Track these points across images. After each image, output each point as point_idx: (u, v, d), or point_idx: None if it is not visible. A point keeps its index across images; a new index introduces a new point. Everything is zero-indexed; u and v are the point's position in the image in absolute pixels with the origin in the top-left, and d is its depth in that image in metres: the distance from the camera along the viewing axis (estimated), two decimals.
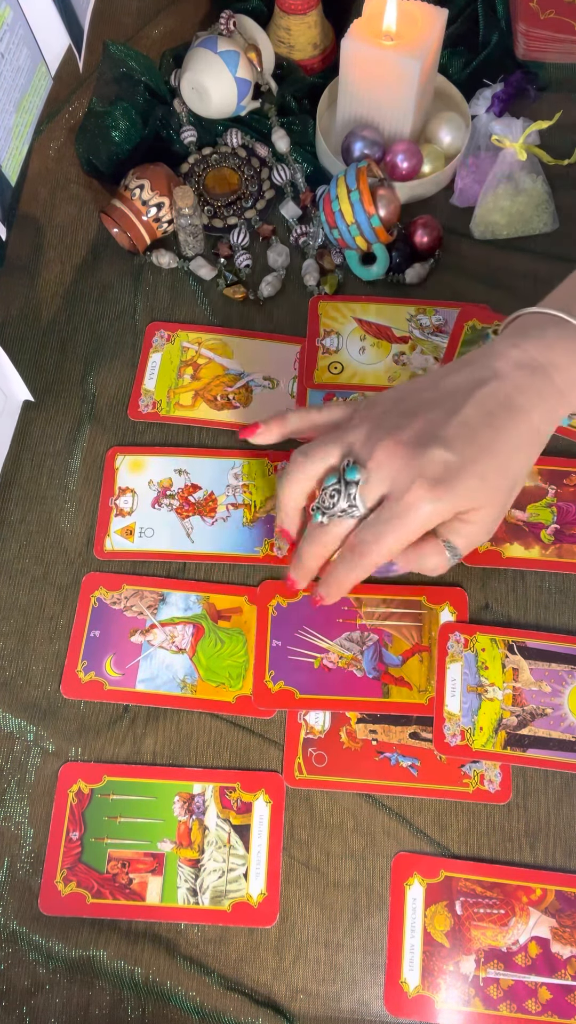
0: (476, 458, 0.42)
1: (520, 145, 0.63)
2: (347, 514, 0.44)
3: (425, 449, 0.42)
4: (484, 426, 0.42)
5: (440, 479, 0.41)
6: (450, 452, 0.42)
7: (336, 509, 0.44)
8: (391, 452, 0.42)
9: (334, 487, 0.44)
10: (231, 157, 0.69)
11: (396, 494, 0.42)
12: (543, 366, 0.44)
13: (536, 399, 0.44)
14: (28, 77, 0.53)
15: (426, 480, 0.41)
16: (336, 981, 0.46)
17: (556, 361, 0.44)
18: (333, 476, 0.44)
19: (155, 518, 0.57)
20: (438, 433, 0.42)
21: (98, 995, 0.46)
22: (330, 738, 0.50)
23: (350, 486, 0.43)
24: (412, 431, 0.42)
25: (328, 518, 0.44)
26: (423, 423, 0.42)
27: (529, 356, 0.44)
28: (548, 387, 0.44)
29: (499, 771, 0.49)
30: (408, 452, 0.42)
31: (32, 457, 0.59)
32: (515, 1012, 0.45)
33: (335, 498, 0.44)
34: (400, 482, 0.42)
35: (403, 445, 0.42)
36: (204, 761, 0.50)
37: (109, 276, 0.66)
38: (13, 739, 0.51)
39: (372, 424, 0.44)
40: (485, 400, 0.43)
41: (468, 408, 0.43)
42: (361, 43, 0.62)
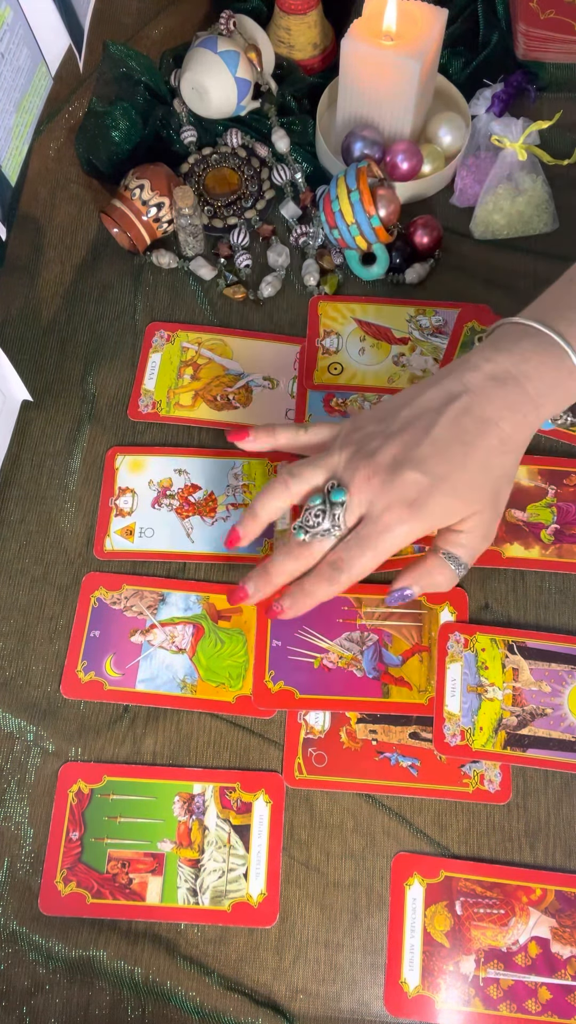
0: (447, 476, 0.45)
1: (520, 145, 0.63)
2: (329, 533, 0.46)
3: (399, 472, 0.45)
4: (455, 442, 0.45)
5: (414, 500, 0.44)
6: (422, 473, 0.44)
7: (320, 528, 0.46)
8: (369, 476, 0.45)
9: (319, 507, 0.46)
10: (231, 157, 0.69)
11: (373, 515, 0.45)
12: (515, 377, 0.46)
13: (506, 410, 0.46)
14: (28, 77, 0.53)
15: (401, 502, 0.45)
16: (336, 981, 0.46)
17: (529, 372, 0.46)
18: (318, 497, 0.47)
19: (155, 518, 0.57)
20: (411, 455, 0.45)
21: (98, 995, 0.46)
22: (330, 738, 0.50)
23: (335, 507, 0.46)
24: (389, 454, 0.45)
25: (311, 537, 0.47)
26: (398, 446, 0.45)
27: (502, 368, 0.46)
28: (519, 397, 0.46)
29: (499, 771, 0.49)
30: (384, 476, 0.45)
31: (32, 457, 0.59)
32: (515, 1012, 0.45)
33: (320, 518, 0.46)
34: (377, 504, 0.45)
35: (380, 469, 0.45)
36: (204, 761, 0.50)
37: (109, 276, 0.66)
38: (13, 739, 0.51)
39: (354, 448, 0.47)
40: (457, 415, 0.45)
41: (440, 426, 0.45)
42: (361, 43, 0.62)
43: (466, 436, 0.45)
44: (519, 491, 0.56)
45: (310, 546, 0.47)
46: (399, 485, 0.45)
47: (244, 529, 0.50)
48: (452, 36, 0.73)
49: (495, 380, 0.46)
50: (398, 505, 0.45)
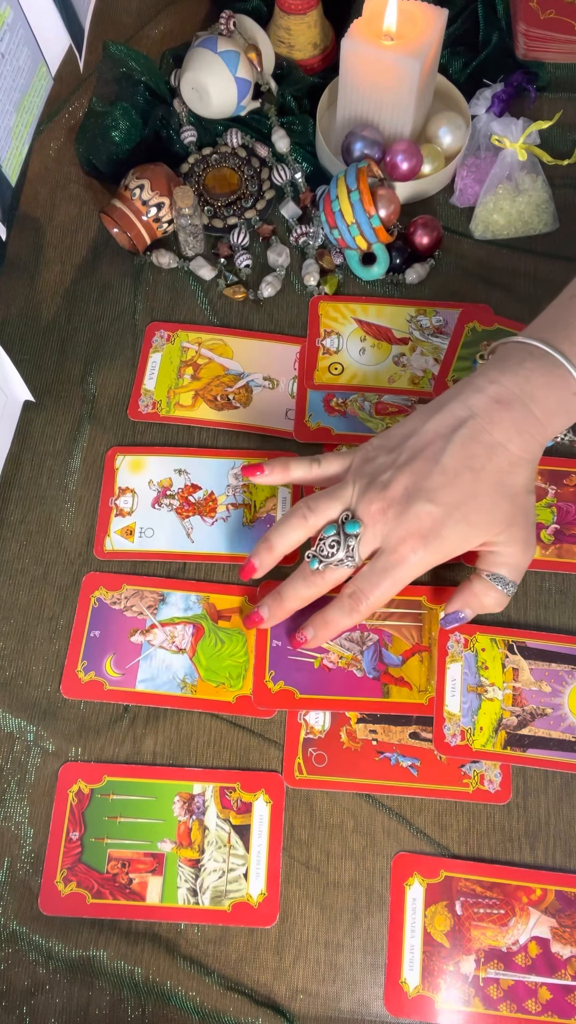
0: (459, 504, 0.45)
1: (520, 145, 0.63)
2: (343, 563, 0.47)
3: (412, 504, 0.46)
4: (464, 470, 0.46)
5: (428, 531, 0.45)
6: (434, 504, 0.45)
7: (334, 559, 0.47)
8: (384, 508, 0.46)
9: (333, 538, 0.47)
10: (231, 157, 0.69)
11: (389, 547, 0.46)
12: (520, 399, 0.46)
13: (513, 432, 0.46)
14: (28, 77, 0.53)
15: (415, 534, 0.46)
16: (336, 981, 0.46)
17: (533, 393, 0.46)
18: (332, 527, 0.48)
19: (155, 518, 0.57)
20: (423, 485, 0.46)
21: (98, 995, 0.46)
22: (330, 738, 0.50)
23: (349, 539, 0.47)
24: (401, 486, 0.46)
25: (324, 566, 0.48)
26: (410, 477, 0.46)
27: (507, 390, 0.46)
28: (526, 418, 0.46)
29: (499, 771, 0.49)
30: (398, 508, 0.46)
31: (32, 457, 0.59)
32: (515, 1012, 0.45)
33: (334, 548, 0.47)
34: (392, 537, 0.46)
35: (394, 502, 0.46)
36: (204, 761, 0.50)
37: (109, 276, 0.66)
38: (13, 739, 0.51)
39: (367, 480, 0.48)
40: (465, 442, 0.46)
41: (448, 454, 0.46)
42: (361, 43, 0.62)
43: (475, 462, 0.46)
44: None
45: (323, 575, 0.48)
46: (412, 517, 0.45)
47: (259, 561, 0.51)
48: (452, 36, 0.73)
49: (500, 403, 0.46)
50: (412, 537, 0.45)
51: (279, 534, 0.50)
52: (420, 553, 0.46)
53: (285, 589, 0.50)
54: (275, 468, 0.52)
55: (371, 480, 0.47)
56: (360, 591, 0.47)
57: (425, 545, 0.45)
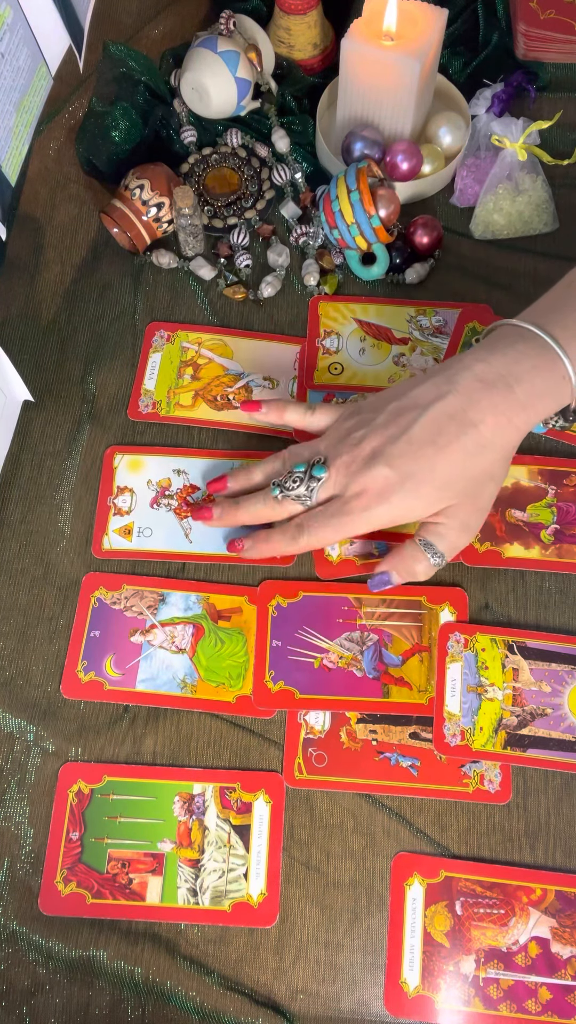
0: (413, 475, 0.47)
1: (520, 145, 0.63)
2: (300, 499, 0.51)
3: (373, 465, 0.48)
4: (428, 444, 0.47)
5: (379, 492, 0.48)
6: (391, 469, 0.48)
7: (293, 492, 0.51)
8: (349, 462, 0.49)
9: (299, 474, 0.51)
10: (231, 157, 0.69)
11: (343, 498, 0.49)
12: (505, 380, 0.47)
13: (487, 413, 0.47)
14: (28, 77, 0.53)
15: (368, 492, 0.48)
16: (336, 981, 0.46)
17: (520, 375, 0.47)
18: (302, 465, 0.51)
19: (153, 518, 0.57)
20: (387, 449, 0.48)
21: (98, 995, 0.46)
22: (330, 738, 0.50)
23: (313, 480, 0.50)
24: (369, 446, 0.49)
25: (283, 496, 0.51)
26: (380, 439, 0.49)
27: (493, 370, 0.47)
28: (506, 400, 0.47)
29: (499, 771, 0.49)
30: (360, 465, 0.49)
31: (32, 457, 0.59)
32: (515, 1012, 0.45)
33: (297, 484, 0.50)
34: (348, 489, 0.49)
35: (359, 458, 0.49)
36: (204, 761, 0.50)
37: (109, 276, 0.66)
38: (13, 739, 0.51)
39: (343, 435, 0.51)
40: (437, 416, 0.47)
41: (418, 425, 0.48)
42: (361, 43, 0.62)
43: (440, 438, 0.47)
44: (519, 491, 0.56)
45: (282, 503, 0.51)
46: (369, 476, 0.48)
47: (235, 481, 0.54)
48: (452, 36, 0.73)
49: (483, 382, 0.47)
50: (365, 494, 0.48)
51: (260, 465, 0.54)
52: (369, 511, 0.48)
53: (243, 501, 0.53)
54: (272, 408, 0.55)
55: (347, 434, 0.50)
56: (307, 525, 0.50)
57: (375, 503, 0.48)
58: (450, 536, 0.50)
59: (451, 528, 0.49)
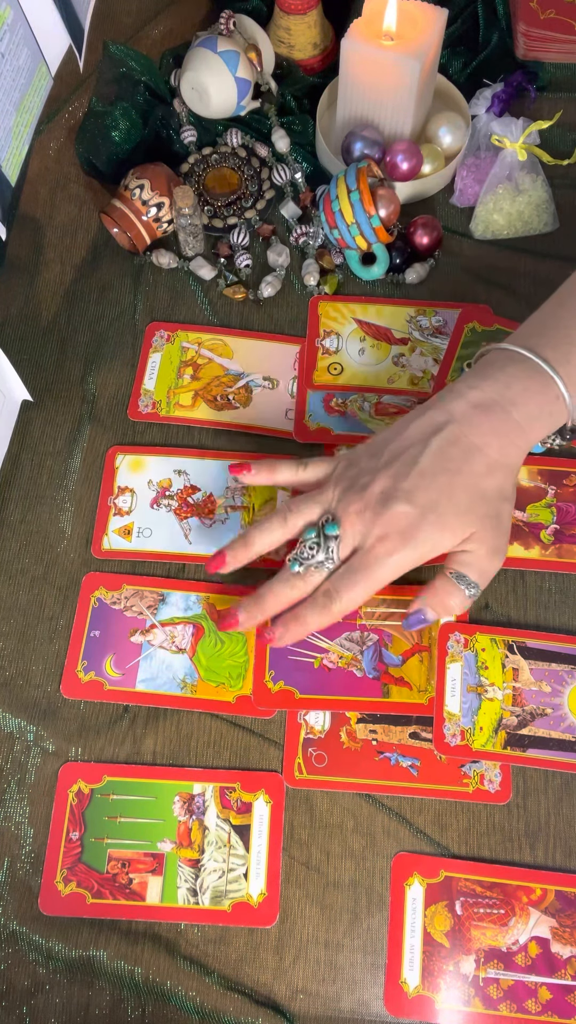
0: (434, 506, 0.46)
1: (520, 145, 0.63)
2: (323, 565, 0.48)
3: (389, 505, 0.46)
4: (440, 472, 0.46)
5: (404, 531, 0.46)
6: (410, 505, 0.46)
7: (314, 561, 0.48)
8: (361, 509, 0.47)
9: (313, 540, 0.48)
10: (231, 157, 0.69)
11: (365, 547, 0.47)
12: (500, 404, 0.47)
13: (491, 436, 0.47)
14: (28, 77, 0.53)
15: (391, 534, 0.46)
16: (336, 981, 0.46)
17: (514, 398, 0.47)
18: (312, 530, 0.48)
19: (153, 518, 0.57)
20: (399, 487, 0.46)
21: (98, 995, 0.46)
22: (330, 738, 0.50)
23: (329, 540, 0.48)
24: (378, 488, 0.47)
25: (305, 568, 0.48)
26: (387, 479, 0.47)
27: (487, 396, 0.47)
28: (505, 424, 0.47)
29: (499, 771, 0.49)
30: (375, 509, 0.46)
31: (32, 457, 0.59)
32: (515, 1012, 0.45)
33: (314, 550, 0.48)
34: (368, 537, 0.47)
35: (371, 503, 0.47)
36: (204, 761, 0.50)
37: (109, 276, 0.66)
38: (13, 739, 0.51)
39: (347, 483, 0.48)
40: (442, 446, 0.47)
41: (425, 457, 0.47)
42: (361, 43, 0.62)
43: (451, 465, 0.46)
44: (519, 491, 0.56)
45: (304, 577, 0.48)
46: (389, 517, 0.46)
47: (233, 555, 0.50)
48: (452, 36, 0.73)
49: (479, 408, 0.47)
50: (389, 537, 0.46)
51: (258, 532, 0.50)
52: (396, 554, 0.46)
53: (264, 591, 0.49)
54: (262, 469, 0.52)
55: (351, 483, 0.48)
56: (335, 590, 0.47)
57: (401, 545, 0.46)
58: (480, 563, 0.48)
59: (480, 556, 0.48)
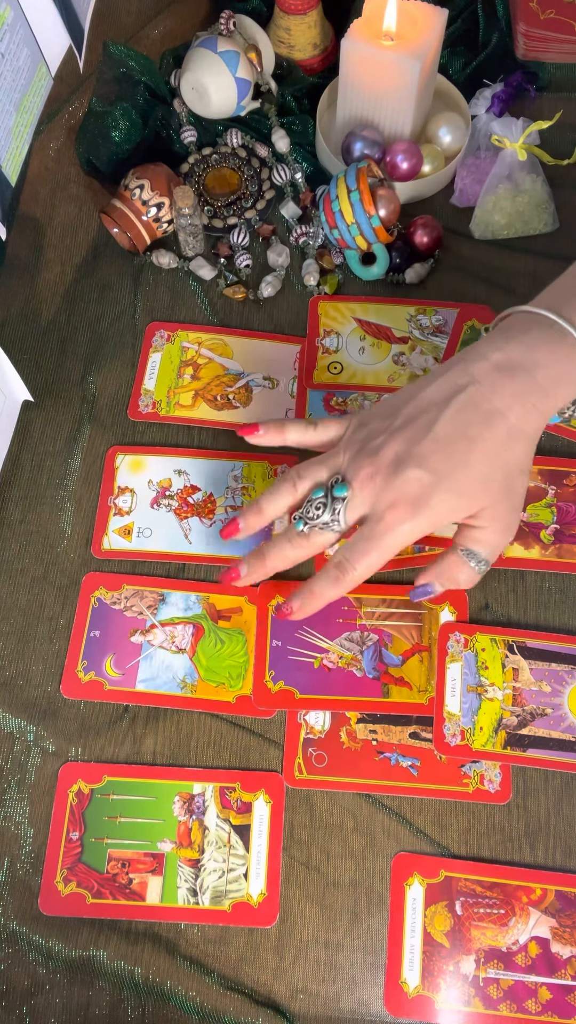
0: (450, 473, 0.44)
1: (520, 145, 0.63)
2: (328, 527, 0.46)
3: (401, 470, 0.44)
4: (458, 438, 0.44)
5: (416, 499, 0.44)
6: (424, 470, 0.44)
7: (319, 521, 0.46)
8: (372, 473, 0.45)
9: (320, 500, 0.46)
10: (231, 157, 0.69)
11: (376, 515, 0.45)
12: (523, 366, 0.45)
13: (514, 401, 0.44)
14: (28, 77, 0.53)
15: (403, 500, 0.44)
16: (336, 981, 0.46)
17: (538, 360, 0.45)
18: (320, 490, 0.46)
19: (153, 518, 0.57)
20: (413, 452, 0.44)
21: (98, 995, 0.46)
22: (330, 738, 0.50)
23: (336, 502, 0.46)
24: (391, 452, 0.45)
25: (309, 528, 0.46)
26: (401, 443, 0.45)
27: (510, 358, 0.45)
28: (528, 386, 0.45)
29: (499, 771, 0.49)
30: (386, 473, 0.44)
31: (32, 457, 0.59)
32: (515, 1012, 0.45)
33: (320, 510, 0.46)
34: (379, 503, 0.45)
35: (383, 467, 0.45)
36: (204, 761, 0.50)
37: (109, 276, 0.66)
38: (13, 739, 0.51)
39: (358, 446, 0.46)
40: (461, 409, 0.44)
41: (443, 421, 0.44)
42: (361, 43, 0.62)
43: (470, 430, 0.44)
44: None
45: (308, 537, 0.47)
46: (401, 483, 0.44)
47: (245, 522, 0.50)
48: (452, 36, 0.73)
49: (502, 370, 0.45)
50: (401, 503, 0.44)
51: (267, 498, 0.49)
52: (408, 522, 0.44)
53: (268, 548, 0.48)
54: (270, 429, 0.51)
55: (363, 445, 0.46)
56: (346, 560, 0.46)
57: (414, 513, 0.44)
58: (491, 540, 0.46)
59: (491, 531, 0.46)
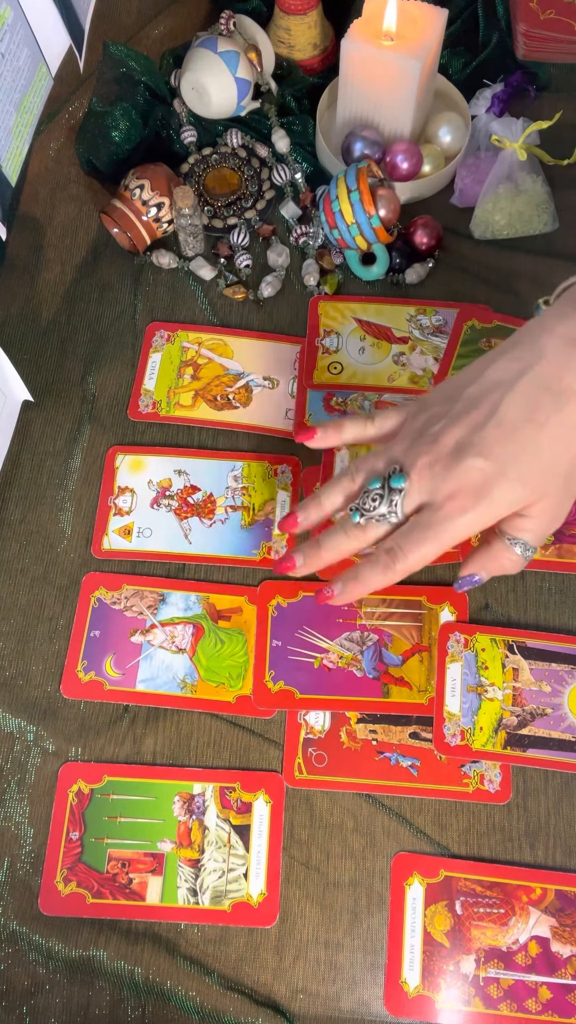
0: (514, 461, 0.41)
1: (520, 145, 0.63)
2: (385, 519, 0.44)
3: (462, 459, 0.41)
4: (525, 422, 0.41)
5: (478, 489, 0.41)
6: (486, 460, 0.41)
7: (376, 512, 0.43)
8: (431, 462, 0.42)
9: (377, 491, 0.44)
10: (231, 157, 0.69)
11: (435, 504, 0.42)
12: None
13: None
14: (28, 77, 0.53)
15: (463, 492, 0.41)
16: (336, 981, 0.46)
17: None
18: (377, 480, 0.44)
19: (153, 518, 0.57)
20: (475, 438, 0.41)
21: (98, 995, 0.46)
22: (330, 738, 0.50)
23: (394, 493, 0.43)
24: (452, 439, 0.42)
25: (366, 520, 0.44)
26: (463, 430, 0.42)
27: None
28: None
29: (499, 771, 0.49)
30: (446, 462, 0.42)
31: (32, 457, 0.59)
32: (515, 1011, 0.45)
33: (377, 502, 0.43)
34: (439, 493, 0.42)
35: (443, 455, 0.42)
36: (204, 761, 0.50)
37: (109, 276, 0.66)
38: (13, 739, 0.51)
39: (416, 433, 0.44)
40: (529, 390, 0.41)
41: (507, 404, 0.41)
42: (361, 43, 0.62)
43: (538, 414, 0.41)
44: None
45: (364, 529, 0.44)
46: (462, 472, 0.41)
47: (305, 515, 0.47)
48: (452, 36, 0.73)
49: (574, 343, 0.41)
50: (461, 494, 0.41)
51: (327, 490, 0.46)
52: (468, 513, 0.41)
53: (324, 539, 0.46)
54: (329, 430, 0.48)
55: (421, 432, 0.43)
56: (399, 548, 0.43)
57: (474, 504, 0.41)
58: (539, 528, 0.43)
59: (541, 523, 0.43)
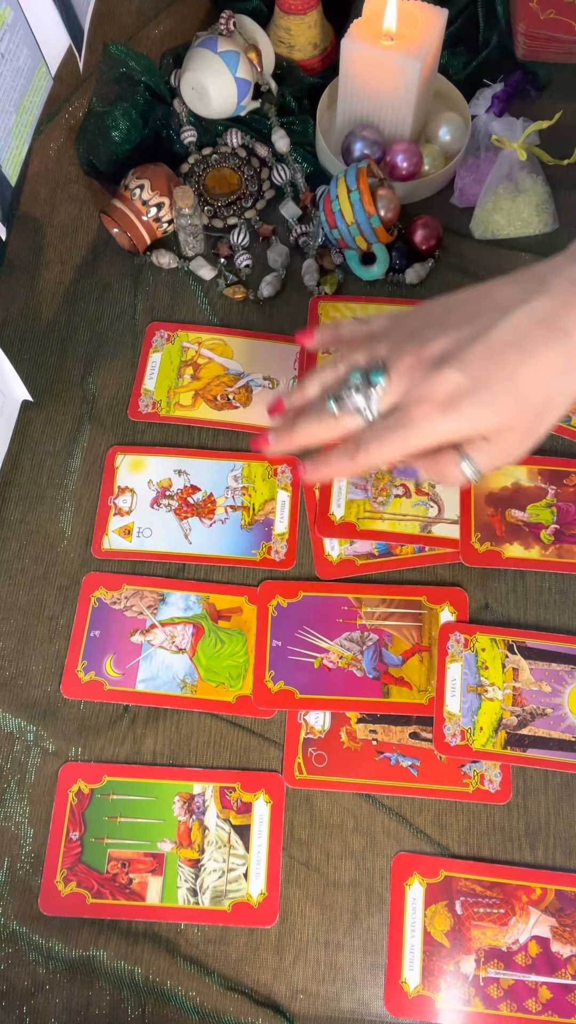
0: (490, 383, 0.41)
1: (520, 145, 0.63)
2: (359, 412, 0.44)
3: (440, 369, 0.41)
4: (511, 348, 0.41)
5: (447, 401, 0.41)
6: (463, 375, 0.41)
7: (351, 404, 0.44)
8: (410, 366, 0.42)
9: (355, 383, 0.44)
10: (231, 157, 0.69)
11: (404, 406, 0.42)
12: None
13: None
14: (28, 77, 0.53)
15: (434, 399, 0.41)
16: (336, 981, 0.46)
17: None
18: (358, 373, 0.44)
19: (153, 518, 0.57)
20: (459, 354, 0.41)
21: (98, 995, 0.46)
22: (330, 738, 0.50)
23: (371, 387, 0.43)
24: (437, 347, 0.42)
25: (341, 409, 0.44)
26: (451, 341, 0.42)
27: None
28: None
29: (499, 771, 0.49)
30: (426, 369, 0.42)
31: (32, 457, 0.59)
32: (515, 1011, 0.45)
33: (353, 392, 0.44)
34: (411, 396, 0.42)
35: (423, 361, 0.42)
36: (204, 761, 0.50)
37: (109, 276, 0.66)
38: (13, 739, 0.51)
39: (406, 334, 0.44)
40: (525, 318, 0.41)
41: (501, 327, 0.41)
42: (361, 43, 0.62)
43: (527, 343, 0.40)
44: (519, 491, 0.56)
45: (338, 419, 0.45)
46: (436, 381, 0.41)
47: (290, 400, 0.48)
48: (452, 36, 0.73)
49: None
50: (429, 401, 0.41)
51: (311, 378, 0.47)
52: (431, 422, 0.41)
53: (299, 424, 0.46)
54: (325, 331, 0.49)
55: (412, 334, 0.43)
56: (365, 441, 0.44)
57: (439, 414, 0.41)
58: (494, 456, 0.43)
59: (499, 450, 0.43)
